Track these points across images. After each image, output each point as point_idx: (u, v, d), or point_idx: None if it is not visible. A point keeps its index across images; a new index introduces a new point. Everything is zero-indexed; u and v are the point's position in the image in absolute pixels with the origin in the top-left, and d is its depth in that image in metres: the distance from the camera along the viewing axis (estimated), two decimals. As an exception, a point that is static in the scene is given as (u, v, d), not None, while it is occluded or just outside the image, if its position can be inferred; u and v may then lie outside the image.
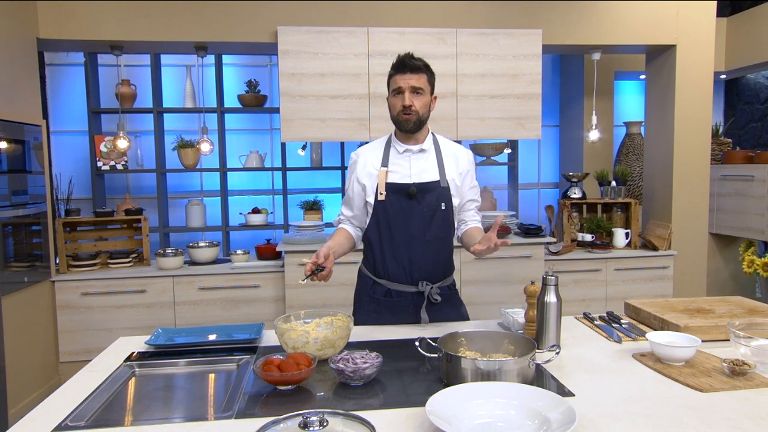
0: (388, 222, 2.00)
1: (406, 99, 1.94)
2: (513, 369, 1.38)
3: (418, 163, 2.04)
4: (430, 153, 2.06)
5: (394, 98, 1.99)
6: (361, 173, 2.06)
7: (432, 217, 2.00)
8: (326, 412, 1.18)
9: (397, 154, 2.05)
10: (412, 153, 2.04)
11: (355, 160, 2.11)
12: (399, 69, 1.96)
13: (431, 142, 2.08)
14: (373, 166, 2.05)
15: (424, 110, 2.00)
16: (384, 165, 2.03)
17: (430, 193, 2.00)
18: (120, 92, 4.39)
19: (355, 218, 2.13)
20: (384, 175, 2.01)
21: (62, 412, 1.30)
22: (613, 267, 3.98)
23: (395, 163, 2.04)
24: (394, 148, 2.06)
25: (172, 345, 1.75)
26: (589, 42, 3.92)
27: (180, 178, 4.87)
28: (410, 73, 1.94)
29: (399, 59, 1.97)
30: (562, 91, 5.23)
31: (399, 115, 1.98)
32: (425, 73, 1.98)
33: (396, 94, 1.97)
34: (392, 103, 2.00)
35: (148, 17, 3.62)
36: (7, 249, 3.13)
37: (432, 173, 2.03)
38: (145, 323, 3.61)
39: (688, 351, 1.53)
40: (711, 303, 2.02)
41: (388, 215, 2.00)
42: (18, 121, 3.24)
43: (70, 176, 4.58)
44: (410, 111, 1.95)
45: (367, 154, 2.09)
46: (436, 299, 2.02)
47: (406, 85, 1.94)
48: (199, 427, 1.23)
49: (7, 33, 3.20)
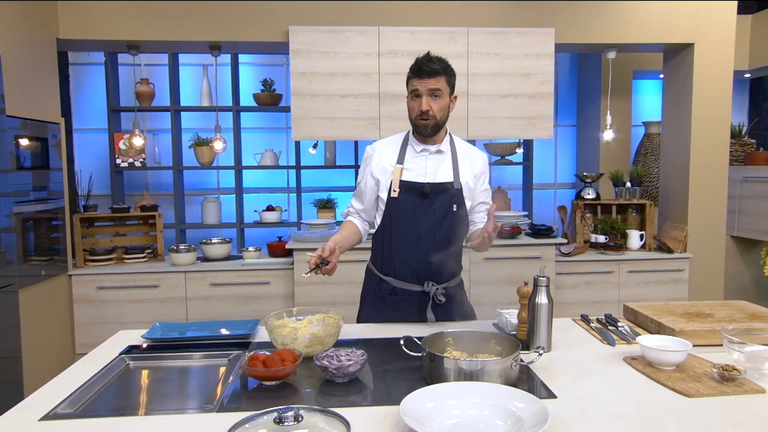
0: (399, 220, 2.01)
1: (423, 104, 1.92)
2: (495, 369, 1.38)
3: (434, 163, 2.03)
4: (446, 154, 2.05)
5: (412, 101, 1.98)
6: (376, 168, 2.06)
7: (443, 218, 2.00)
8: (302, 408, 1.20)
9: (414, 153, 2.04)
10: (429, 153, 2.04)
11: (370, 154, 2.10)
12: (416, 73, 1.94)
13: (448, 143, 2.07)
14: (388, 162, 2.05)
15: (442, 113, 1.98)
16: (400, 162, 2.03)
17: (443, 194, 2.00)
18: (139, 91, 4.49)
19: (365, 212, 2.14)
20: (399, 172, 2.01)
21: (53, 401, 1.34)
22: (627, 269, 3.92)
23: (411, 161, 2.03)
24: (411, 146, 2.05)
25: (167, 339, 1.79)
26: (604, 41, 3.87)
27: (197, 176, 4.95)
28: (428, 77, 1.92)
29: (417, 62, 1.95)
30: (579, 90, 5.17)
31: (417, 120, 1.97)
32: (444, 75, 1.95)
33: (414, 97, 1.96)
34: (410, 106, 1.99)
35: (163, 18, 3.69)
36: (27, 243, 3.23)
37: (447, 174, 2.03)
38: (157, 317, 3.68)
39: (677, 355, 1.51)
40: (712, 307, 1.98)
41: (399, 213, 2.00)
42: (38, 119, 3.34)
43: (91, 173, 4.70)
44: (428, 116, 1.94)
45: (383, 149, 2.09)
46: (441, 300, 2.02)
47: (423, 88, 1.92)
48: (180, 419, 1.26)
49: (28, 34, 3.30)
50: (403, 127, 3.71)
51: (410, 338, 1.56)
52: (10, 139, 3.08)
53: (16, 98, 3.13)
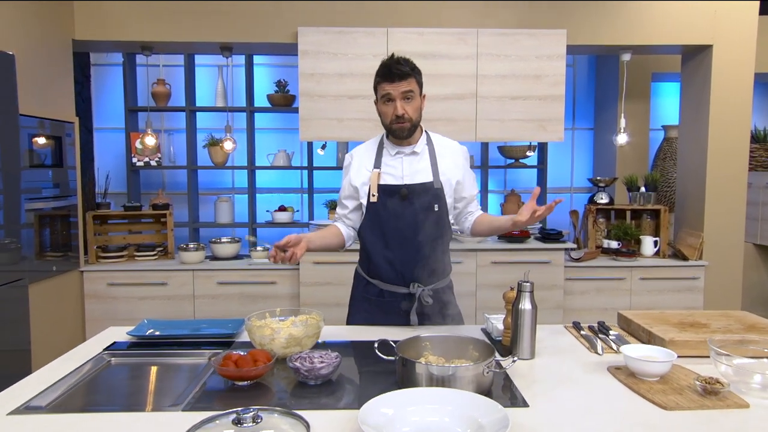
0: (380, 223, 2.00)
1: (398, 108, 1.91)
2: (467, 376, 1.35)
3: (410, 164, 2.03)
4: (423, 154, 2.04)
5: (384, 106, 1.96)
6: (354, 175, 2.06)
7: (425, 219, 1.98)
8: (263, 409, 1.20)
9: (390, 156, 2.04)
10: (404, 155, 2.03)
11: (349, 162, 2.11)
12: (387, 77, 1.92)
13: (425, 142, 2.06)
14: (365, 168, 2.05)
15: (417, 114, 1.97)
16: (376, 167, 2.03)
17: (422, 195, 1.98)
18: (155, 91, 4.57)
19: (347, 217, 2.13)
20: (376, 177, 2.00)
21: (27, 396, 1.36)
22: (639, 276, 3.82)
23: (388, 164, 2.03)
24: (386, 149, 2.05)
25: (152, 337, 1.81)
26: (618, 42, 3.79)
27: (212, 175, 5.01)
28: (399, 80, 1.91)
29: (385, 66, 1.93)
30: (597, 93, 5.07)
31: (392, 124, 1.96)
32: (414, 76, 1.95)
33: (386, 101, 1.95)
34: (383, 111, 1.97)
35: (175, 19, 3.74)
36: (39, 239, 3.31)
37: (425, 174, 2.01)
38: (165, 315, 3.73)
39: (660, 366, 1.46)
40: (709, 317, 1.91)
41: (380, 217, 2.00)
42: (52, 118, 3.42)
43: (108, 171, 4.80)
44: (404, 119, 1.93)
45: (360, 155, 2.10)
46: (428, 301, 2.00)
47: (396, 92, 1.91)
48: (145, 417, 1.26)
49: (43, 34, 3.38)
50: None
51: (386, 342, 1.54)
52: (24, 138, 3.16)
53: (30, 97, 3.21)
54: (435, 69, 3.65)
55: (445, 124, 3.70)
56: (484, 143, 4.62)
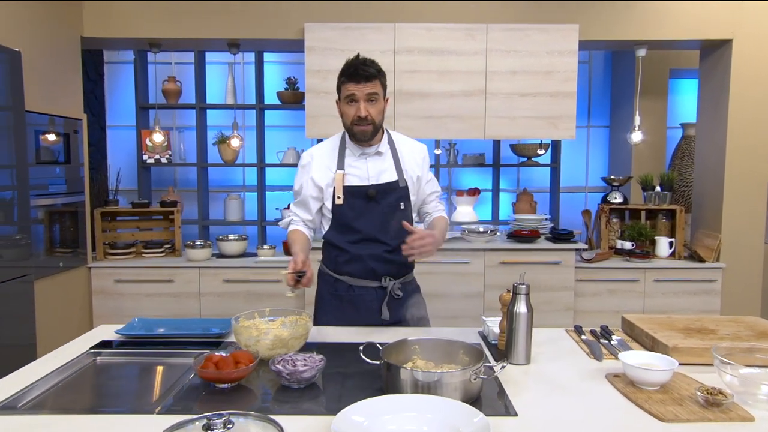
0: (348, 224, 1.99)
1: (361, 109, 1.89)
2: (453, 382, 1.30)
3: (375, 165, 2.02)
4: (386, 154, 2.04)
5: (347, 106, 1.93)
6: (317, 176, 2.02)
7: (392, 217, 1.99)
8: (237, 414, 1.16)
9: (353, 157, 2.02)
10: (368, 156, 2.02)
11: (308, 162, 2.06)
12: (352, 77, 1.89)
13: (387, 142, 2.05)
14: (327, 168, 2.02)
15: (380, 117, 1.96)
16: (340, 168, 1.99)
17: (389, 194, 1.99)
18: (166, 89, 4.57)
19: (312, 222, 2.10)
20: (341, 178, 1.98)
21: (4, 395, 1.34)
22: (653, 278, 3.71)
23: (352, 165, 2.01)
24: (350, 150, 2.02)
25: (139, 336, 1.78)
26: (633, 37, 3.68)
27: (224, 173, 5.01)
28: (365, 82, 1.88)
29: (351, 65, 1.91)
30: (613, 89, 4.95)
31: (354, 126, 1.93)
32: (378, 78, 1.92)
33: (349, 102, 1.92)
34: (345, 111, 1.95)
35: (183, 16, 3.73)
36: (45, 236, 3.33)
37: (390, 174, 2.02)
38: (171, 312, 3.73)
39: (660, 375, 1.39)
40: (718, 323, 1.83)
41: (347, 218, 1.99)
42: (59, 115, 3.44)
43: (119, 168, 4.82)
44: (366, 121, 1.91)
45: (321, 155, 2.05)
46: (398, 294, 2.01)
47: (360, 93, 1.88)
48: (118, 419, 1.23)
49: (51, 32, 3.40)
50: (418, 126, 3.67)
51: (373, 345, 1.49)
52: (31, 134, 3.17)
53: (37, 94, 3.22)
54: (443, 65, 3.59)
55: (453, 122, 3.63)
56: (495, 141, 4.54)
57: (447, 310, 3.52)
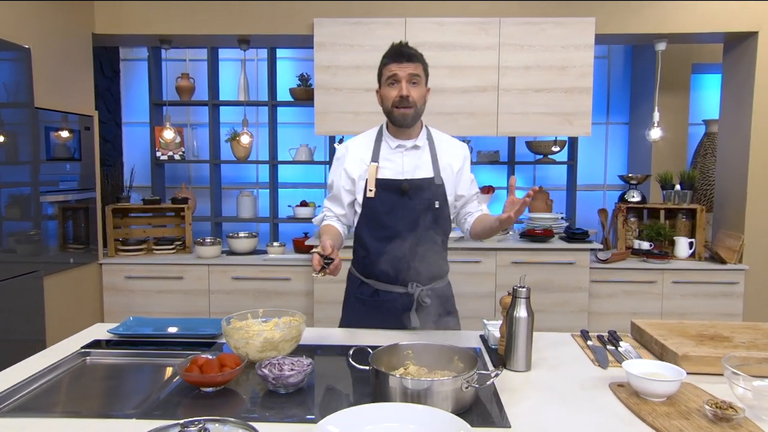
0: (378, 220, 1.89)
1: (403, 88, 1.82)
2: (443, 390, 1.23)
3: (411, 159, 1.92)
4: (424, 149, 1.94)
5: (388, 88, 1.86)
6: (351, 168, 1.94)
7: (424, 216, 1.88)
8: (213, 420, 1.11)
9: (389, 149, 1.93)
10: (405, 149, 1.93)
11: (343, 154, 1.99)
12: (395, 57, 1.85)
13: (425, 137, 1.96)
14: (362, 160, 1.94)
15: (422, 102, 1.88)
16: (374, 160, 1.92)
17: (423, 191, 1.88)
18: (179, 86, 4.57)
19: (345, 217, 2.01)
20: (374, 170, 1.90)
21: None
22: (671, 279, 3.59)
23: (387, 158, 1.92)
24: (386, 142, 1.94)
25: (131, 335, 1.75)
26: (652, 30, 3.56)
27: (237, 170, 5.00)
28: (407, 62, 1.83)
29: (394, 47, 1.88)
30: (633, 85, 4.81)
31: (395, 108, 1.85)
32: (421, 63, 1.88)
33: (391, 83, 1.85)
34: (386, 94, 1.87)
35: (193, 12, 3.71)
36: (55, 232, 3.34)
37: (426, 170, 1.92)
38: (181, 309, 3.72)
39: (666, 385, 1.31)
40: (734, 329, 1.73)
41: (377, 213, 1.89)
42: (70, 112, 3.45)
43: (133, 165, 4.84)
44: (408, 102, 1.83)
45: (356, 147, 1.98)
46: (426, 302, 1.89)
47: (403, 73, 1.82)
48: (93, 424, 1.19)
49: (62, 29, 3.40)
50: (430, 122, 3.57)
51: (364, 349, 1.43)
52: (42, 131, 3.18)
53: (47, 91, 3.23)
54: (455, 60, 3.51)
55: (465, 118, 3.56)
56: (510, 138, 4.44)
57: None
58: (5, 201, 2.90)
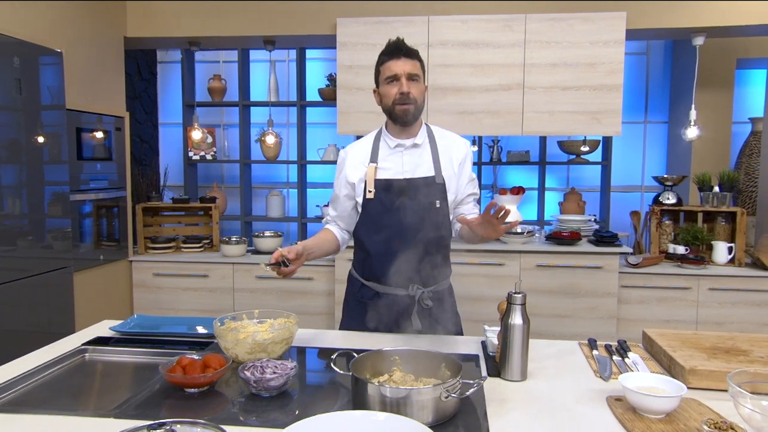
0: (377, 221, 1.86)
1: (404, 85, 1.79)
2: (421, 399, 1.19)
3: (411, 158, 1.89)
4: (424, 147, 1.90)
5: (387, 86, 1.83)
6: (350, 171, 1.93)
7: (426, 216, 1.83)
8: (184, 422, 1.11)
9: (388, 149, 1.90)
10: (404, 148, 1.89)
11: (343, 158, 1.98)
12: (393, 54, 1.82)
13: (425, 135, 1.92)
14: (361, 163, 1.91)
15: (422, 99, 1.86)
16: (373, 161, 1.90)
17: (423, 190, 1.84)
18: (211, 87, 4.66)
19: (341, 219, 1.99)
20: (373, 171, 1.87)
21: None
22: (708, 286, 3.41)
23: (386, 159, 1.89)
24: (385, 142, 1.91)
25: (130, 333, 1.78)
26: (688, 24, 3.39)
27: (268, 169, 5.06)
28: (405, 58, 1.81)
29: (392, 44, 1.85)
30: (672, 82, 4.61)
31: (395, 105, 1.82)
32: (419, 60, 1.85)
33: (390, 81, 1.82)
34: (386, 92, 1.84)
35: (220, 14, 3.77)
36: (89, 230, 3.45)
37: (426, 168, 1.88)
38: (206, 307, 3.79)
39: (663, 402, 1.23)
40: (754, 342, 1.62)
41: (377, 213, 1.86)
42: (101, 113, 3.55)
43: (167, 165, 4.97)
44: (408, 99, 1.80)
45: (356, 150, 1.96)
46: (428, 304, 1.85)
47: (402, 71, 1.80)
48: (71, 421, 1.20)
49: (94, 33, 3.51)
50: (452, 121, 3.54)
51: (350, 353, 1.40)
52: (73, 131, 3.29)
53: (79, 93, 3.34)
54: (478, 58, 3.44)
55: (489, 117, 3.48)
56: (542, 138, 4.33)
57: (478, 314, 3.37)
58: (38, 199, 3.01)
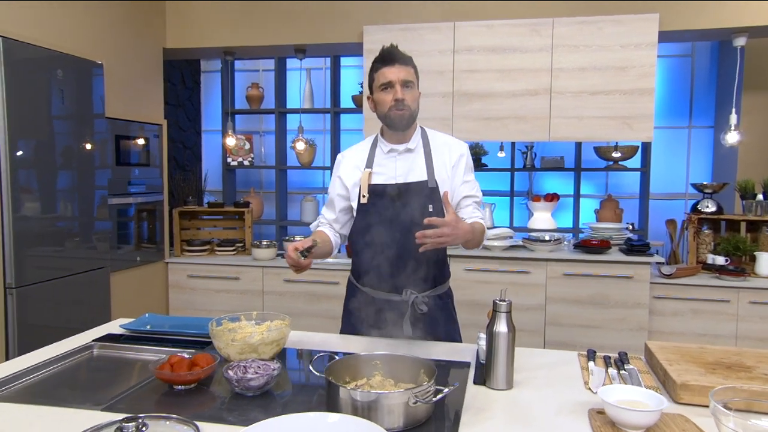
0: (371, 226, 1.88)
1: (398, 92, 1.80)
2: (390, 404, 1.20)
3: (404, 163, 1.90)
4: (417, 152, 1.91)
5: (382, 93, 1.84)
6: (345, 175, 1.96)
7: (418, 221, 1.83)
8: (158, 417, 1.16)
9: (383, 155, 1.92)
10: (397, 153, 1.91)
11: (339, 161, 2.01)
12: (387, 61, 1.83)
13: (419, 139, 1.93)
14: (357, 168, 1.94)
15: (415, 105, 1.86)
16: (368, 166, 1.92)
17: (416, 195, 1.85)
18: (249, 95, 4.81)
19: (336, 222, 2.02)
20: (367, 176, 1.89)
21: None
22: (748, 299, 3.24)
23: (380, 164, 1.91)
24: (380, 148, 1.93)
25: (141, 331, 1.86)
26: (727, 25, 3.25)
27: (305, 175, 5.16)
28: (400, 65, 1.82)
29: (386, 51, 1.86)
30: (718, 85, 4.41)
31: (390, 112, 1.84)
32: (413, 67, 1.86)
33: (384, 88, 1.84)
34: (380, 99, 1.86)
35: (252, 25, 3.89)
36: (129, 232, 3.63)
37: (419, 173, 1.88)
38: (236, 308, 3.88)
39: (641, 416, 1.19)
40: (762, 358, 1.54)
41: (370, 218, 1.88)
42: (140, 121, 3.73)
43: (206, 170, 5.15)
44: (403, 105, 1.81)
45: (352, 155, 1.99)
46: (422, 309, 1.84)
47: (396, 77, 1.81)
48: (59, 412, 1.27)
49: (134, 44, 3.70)
50: (478, 127, 3.52)
51: (332, 356, 1.43)
52: (111, 138, 3.47)
53: (119, 102, 3.52)
54: (504, 64, 3.41)
55: (515, 123, 3.43)
56: (577, 144, 4.23)
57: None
58: (86, 204, 3.20)
